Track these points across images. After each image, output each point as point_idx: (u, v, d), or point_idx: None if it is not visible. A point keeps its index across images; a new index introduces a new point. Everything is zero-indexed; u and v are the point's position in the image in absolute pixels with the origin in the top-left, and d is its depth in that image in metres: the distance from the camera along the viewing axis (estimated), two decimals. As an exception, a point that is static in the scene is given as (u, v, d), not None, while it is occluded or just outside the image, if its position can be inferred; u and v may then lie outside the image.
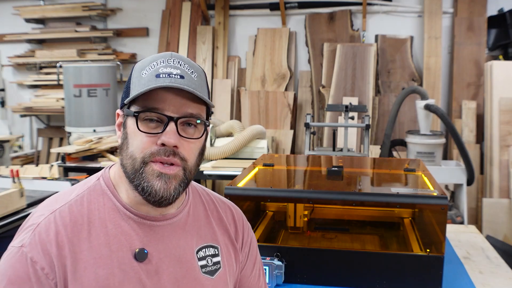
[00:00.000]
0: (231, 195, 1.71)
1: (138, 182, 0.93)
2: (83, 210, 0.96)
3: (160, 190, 0.93)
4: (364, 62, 4.76)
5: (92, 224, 0.95)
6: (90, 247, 0.93)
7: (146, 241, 0.97)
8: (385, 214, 2.01)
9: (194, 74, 0.96)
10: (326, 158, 2.53)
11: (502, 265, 1.87)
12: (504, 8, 4.68)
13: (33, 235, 0.92)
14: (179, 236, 1.02)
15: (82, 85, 4.59)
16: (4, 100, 5.96)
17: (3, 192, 2.47)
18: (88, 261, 0.92)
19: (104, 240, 0.94)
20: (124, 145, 0.96)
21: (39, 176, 3.07)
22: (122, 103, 0.98)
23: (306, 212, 1.90)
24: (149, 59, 0.97)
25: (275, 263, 1.63)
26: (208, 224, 1.10)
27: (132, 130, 0.95)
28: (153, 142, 0.93)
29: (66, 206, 0.96)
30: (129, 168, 0.95)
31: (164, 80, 0.92)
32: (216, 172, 3.58)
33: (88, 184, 1.01)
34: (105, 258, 0.93)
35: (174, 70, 0.94)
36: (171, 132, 0.92)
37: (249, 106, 4.97)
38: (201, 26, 5.26)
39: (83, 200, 0.98)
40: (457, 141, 3.49)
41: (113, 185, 1.00)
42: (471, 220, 4.18)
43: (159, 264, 0.98)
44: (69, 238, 0.92)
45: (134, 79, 0.96)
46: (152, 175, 0.93)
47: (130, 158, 0.94)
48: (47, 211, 0.96)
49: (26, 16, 5.64)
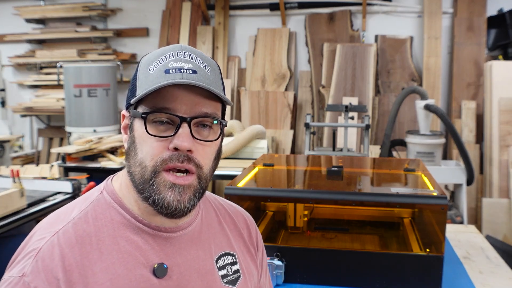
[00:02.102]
0: (231, 195, 1.71)
1: (149, 194, 0.83)
2: (89, 228, 0.85)
3: (174, 202, 0.83)
4: (364, 62, 4.76)
5: (102, 242, 0.84)
6: (103, 268, 0.82)
7: (164, 255, 0.88)
8: (385, 214, 2.01)
9: (208, 68, 0.85)
10: (326, 158, 2.54)
11: (502, 265, 1.87)
12: (504, 8, 4.68)
13: (35, 262, 0.80)
14: (196, 246, 0.93)
15: (82, 85, 4.60)
16: (4, 100, 5.97)
17: (3, 192, 2.47)
18: (104, 284, 0.81)
19: (118, 258, 0.84)
20: (131, 150, 0.86)
21: (40, 176, 3.07)
22: (128, 103, 0.87)
23: (306, 212, 1.90)
24: (157, 52, 0.86)
25: (275, 263, 1.63)
26: (222, 230, 1.01)
27: (140, 134, 0.84)
28: (165, 147, 0.82)
29: (69, 225, 0.85)
30: (137, 177, 0.84)
31: (174, 76, 0.81)
32: (216, 172, 3.56)
33: (90, 199, 0.90)
34: (122, 278, 0.83)
35: (186, 64, 0.83)
36: (184, 135, 0.82)
37: (249, 106, 4.97)
38: (201, 26, 5.26)
39: (87, 217, 0.86)
40: (457, 141, 3.50)
41: (120, 197, 0.89)
42: (471, 220, 4.18)
43: (180, 279, 0.88)
44: (77, 261, 0.81)
45: (140, 75, 0.85)
46: (165, 186, 0.83)
47: (139, 166, 0.84)
48: (48, 233, 0.84)
49: (26, 16, 5.64)
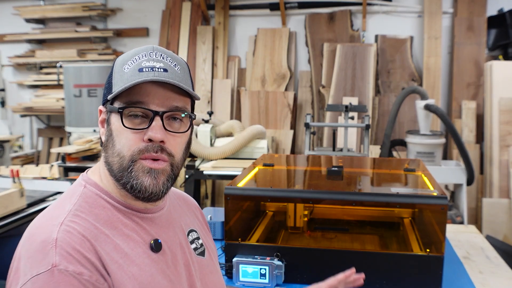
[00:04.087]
0: (231, 195, 1.71)
1: (127, 180, 0.91)
2: (88, 217, 0.90)
3: (150, 186, 0.92)
4: (364, 62, 4.76)
5: (103, 227, 0.91)
6: (112, 249, 0.89)
7: (154, 233, 0.97)
8: (385, 214, 2.01)
9: (178, 67, 0.94)
10: (326, 158, 2.54)
11: (502, 265, 1.87)
12: (504, 8, 4.68)
13: (59, 250, 0.82)
14: (172, 224, 1.04)
15: (82, 85, 4.59)
16: (4, 100, 5.96)
17: (3, 192, 2.47)
18: (118, 262, 0.88)
19: (120, 240, 0.91)
20: (109, 142, 0.94)
21: (39, 176, 3.08)
22: (105, 99, 0.95)
23: (306, 212, 1.90)
24: (131, 53, 0.95)
25: (275, 263, 1.63)
26: (182, 210, 1.13)
27: (116, 127, 0.92)
28: (140, 138, 0.91)
29: (70, 216, 0.89)
30: (115, 167, 0.92)
31: (147, 74, 0.90)
32: (216, 172, 3.58)
33: (76, 194, 0.95)
34: (130, 256, 0.90)
35: (157, 63, 0.92)
36: (157, 127, 0.90)
37: (249, 106, 4.97)
38: (201, 26, 5.26)
39: (82, 207, 0.92)
40: (457, 141, 3.49)
41: (103, 188, 0.96)
42: (471, 220, 4.18)
43: (171, 253, 0.98)
44: (92, 242, 0.86)
45: (116, 74, 0.93)
46: (143, 172, 0.91)
47: (118, 156, 0.92)
48: (54, 226, 0.86)
49: (26, 16, 5.64)
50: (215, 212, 2.18)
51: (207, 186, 4.73)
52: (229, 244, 1.72)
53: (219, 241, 2.01)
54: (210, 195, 4.84)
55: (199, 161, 3.70)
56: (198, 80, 5.20)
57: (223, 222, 2.00)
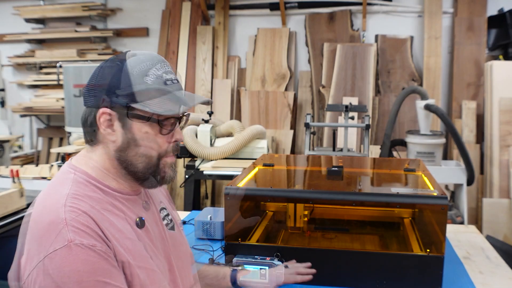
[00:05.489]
0: (231, 195, 1.71)
1: (155, 174, 1.07)
2: (85, 198, 0.99)
3: (171, 177, 1.10)
4: (364, 62, 4.76)
5: (99, 207, 0.99)
6: (110, 225, 0.98)
7: (137, 212, 1.09)
8: (385, 214, 2.00)
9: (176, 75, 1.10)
10: (326, 158, 2.53)
11: (502, 265, 1.87)
12: (504, 8, 4.68)
13: (71, 228, 0.91)
14: (149, 204, 1.16)
15: (82, 85, 4.56)
16: (4, 100, 5.96)
17: (3, 192, 2.47)
18: (115, 236, 0.98)
19: (113, 218, 1.00)
20: (131, 143, 1.04)
21: (39, 176, 3.08)
22: (114, 102, 1.02)
23: (306, 212, 1.90)
24: (146, 63, 1.03)
25: (275, 263, 1.63)
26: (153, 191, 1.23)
27: (145, 131, 1.03)
28: (167, 141, 1.07)
29: (70, 198, 0.97)
30: (141, 166, 1.05)
31: (171, 87, 1.03)
32: (216, 172, 3.58)
33: (68, 180, 1.03)
34: (123, 232, 1.00)
35: (171, 75, 1.05)
36: (179, 130, 1.08)
37: (249, 106, 4.97)
38: (201, 26, 5.26)
39: (77, 191, 1.00)
40: (457, 141, 3.49)
41: (94, 176, 1.04)
42: (471, 220, 4.18)
43: (151, 229, 1.10)
44: (94, 219, 0.96)
45: (136, 84, 1.01)
46: (169, 167, 1.08)
47: (144, 157, 1.05)
48: (59, 208, 0.95)
49: (26, 16, 5.64)
50: (215, 212, 2.17)
51: (207, 186, 4.73)
52: (229, 244, 1.71)
53: (219, 241, 2.01)
54: (210, 195, 4.84)
55: (199, 161, 3.69)
56: (198, 80, 5.20)
57: (223, 222, 2.00)
